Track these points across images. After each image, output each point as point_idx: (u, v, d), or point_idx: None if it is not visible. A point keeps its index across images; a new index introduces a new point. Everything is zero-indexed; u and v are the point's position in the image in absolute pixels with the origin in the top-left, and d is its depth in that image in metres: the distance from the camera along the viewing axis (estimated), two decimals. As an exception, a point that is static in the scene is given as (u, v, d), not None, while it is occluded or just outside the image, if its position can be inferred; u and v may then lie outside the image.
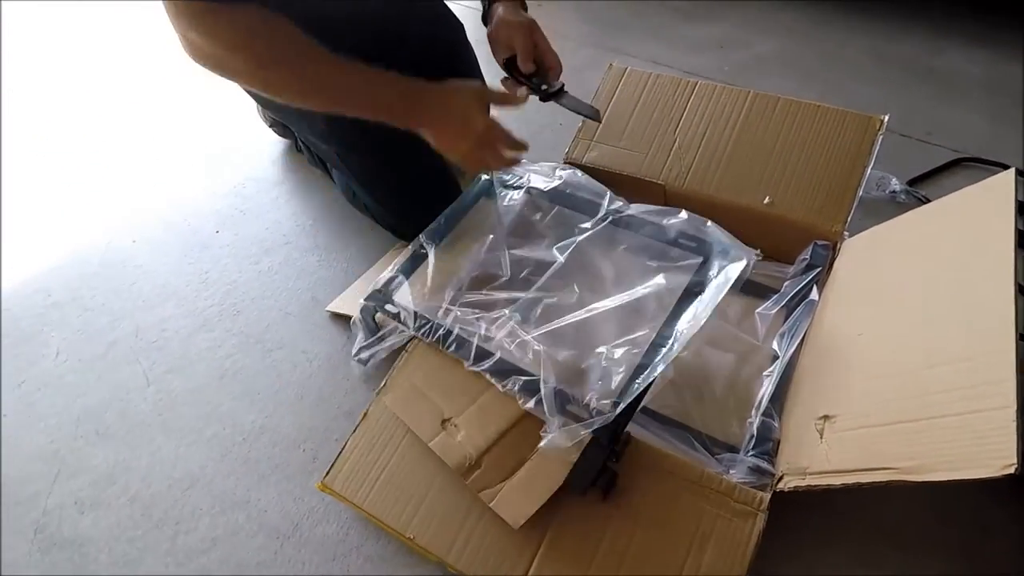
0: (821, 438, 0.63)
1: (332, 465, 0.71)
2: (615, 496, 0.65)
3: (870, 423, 0.59)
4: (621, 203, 0.86)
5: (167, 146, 1.30)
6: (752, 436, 0.70)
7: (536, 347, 0.73)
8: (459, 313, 0.78)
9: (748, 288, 0.87)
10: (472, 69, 1.08)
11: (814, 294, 0.80)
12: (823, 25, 1.46)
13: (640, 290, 0.77)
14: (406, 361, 0.77)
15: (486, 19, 0.88)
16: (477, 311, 0.78)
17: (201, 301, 0.97)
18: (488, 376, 0.72)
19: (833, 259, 0.83)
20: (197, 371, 0.87)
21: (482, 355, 0.73)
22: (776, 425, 0.70)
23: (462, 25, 1.07)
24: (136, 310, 0.96)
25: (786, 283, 0.84)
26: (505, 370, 0.71)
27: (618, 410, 0.64)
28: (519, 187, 0.92)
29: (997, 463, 0.46)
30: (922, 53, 1.33)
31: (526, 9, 0.88)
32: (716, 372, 0.79)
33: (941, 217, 0.72)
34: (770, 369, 0.76)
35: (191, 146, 1.30)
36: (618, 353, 0.72)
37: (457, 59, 1.06)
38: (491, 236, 0.86)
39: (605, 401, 0.67)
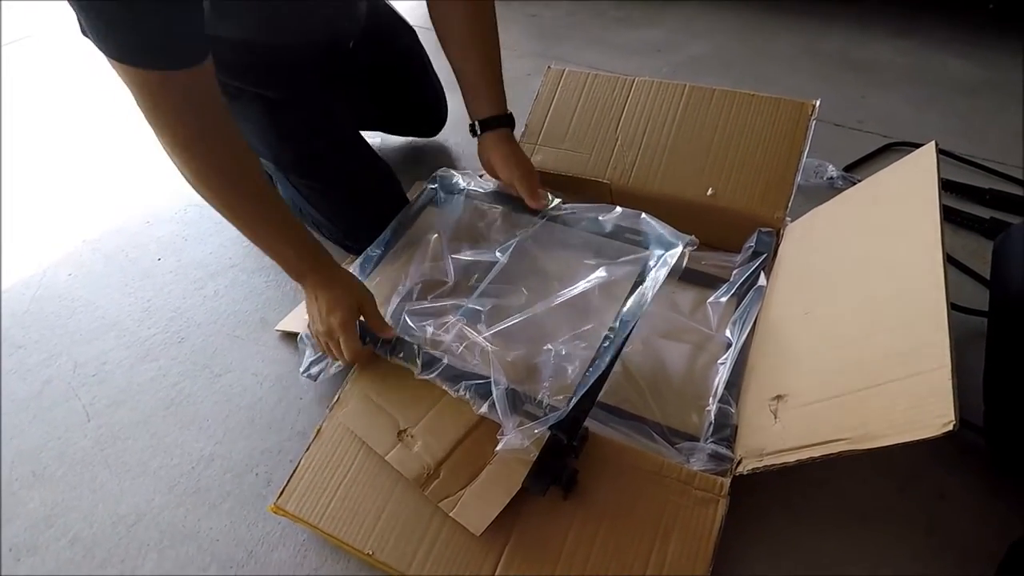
0: (775, 418, 0.63)
1: (285, 486, 0.68)
2: (577, 494, 0.64)
3: (819, 398, 0.59)
4: (558, 200, 0.86)
5: (102, 175, 1.27)
6: (710, 424, 0.70)
7: (485, 347, 0.72)
8: (406, 320, 0.76)
9: (698, 279, 0.88)
10: (425, 69, 1.12)
11: (762, 280, 0.81)
12: (754, 24, 1.51)
13: (583, 284, 0.77)
14: (358, 374, 0.75)
15: (475, 133, 0.88)
16: (425, 319, 0.77)
17: (144, 331, 0.93)
18: (439, 382, 0.71)
19: (778, 244, 0.84)
20: (141, 402, 0.83)
21: (430, 362, 0.72)
22: (733, 411, 0.70)
23: (413, 30, 1.10)
24: (73, 344, 0.92)
25: (734, 271, 0.85)
26: (455, 375, 0.70)
27: (571, 404, 0.64)
28: (462, 191, 0.91)
29: (937, 422, 0.46)
30: (849, 46, 1.39)
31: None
32: (672, 364, 0.79)
33: (872, 194, 0.74)
34: (724, 357, 0.77)
35: (126, 174, 1.26)
36: (568, 349, 0.71)
37: (412, 63, 1.11)
38: (435, 243, 0.86)
39: (559, 397, 0.66)
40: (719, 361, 0.77)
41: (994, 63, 1.29)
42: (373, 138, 1.17)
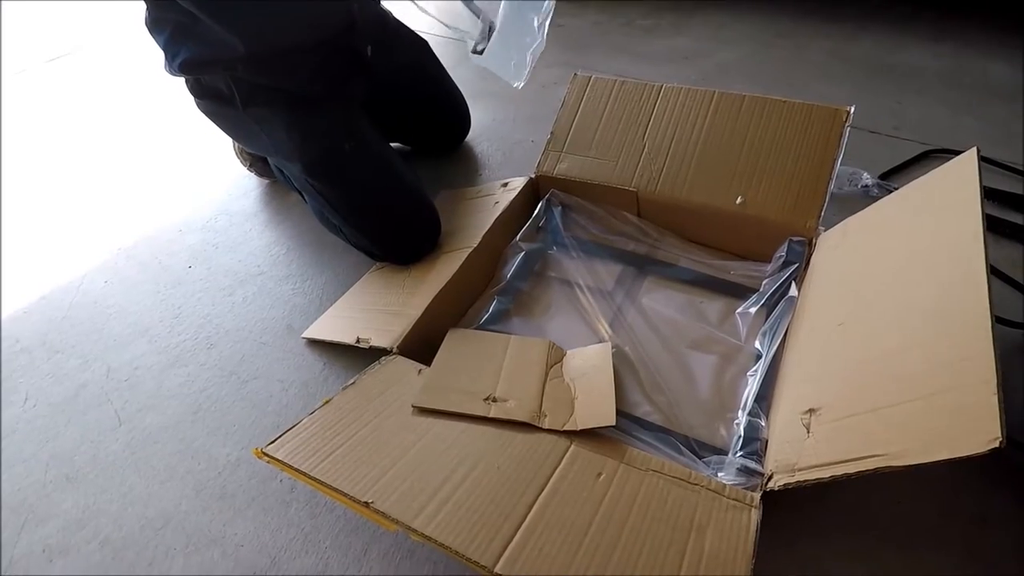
0: (808, 432, 0.61)
1: (278, 437, 0.64)
2: (602, 484, 0.61)
3: (854, 411, 0.57)
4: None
5: (137, 185, 1.30)
6: (739, 437, 0.68)
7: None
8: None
9: (727, 289, 0.87)
10: (436, 81, 1.13)
11: (793, 290, 0.79)
12: (784, 32, 1.49)
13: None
14: (381, 368, 0.74)
15: None
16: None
17: (174, 337, 0.95)
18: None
19: (809, 254, 0.82)
20: (170, 407, 0.84)
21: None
22: (763, 424, 0.68)
23: (424, 42, 1.10)
24: (107, 350, 0.94)
25: (764, 281, 0.83)
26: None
27: None
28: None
29: (983, 439, 0.44)
30: (882, 51, 1.36)
31: None
32: (699, 375, 0.78)
33: (909, 202, 0.72)
34: (754, 368, 0.75)
35: (160, 183, 1.29)
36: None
37: (420, 74, 1.12)
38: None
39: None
40: (748, 373, 0.76)
41: (1036, 67, 1.25)
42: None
